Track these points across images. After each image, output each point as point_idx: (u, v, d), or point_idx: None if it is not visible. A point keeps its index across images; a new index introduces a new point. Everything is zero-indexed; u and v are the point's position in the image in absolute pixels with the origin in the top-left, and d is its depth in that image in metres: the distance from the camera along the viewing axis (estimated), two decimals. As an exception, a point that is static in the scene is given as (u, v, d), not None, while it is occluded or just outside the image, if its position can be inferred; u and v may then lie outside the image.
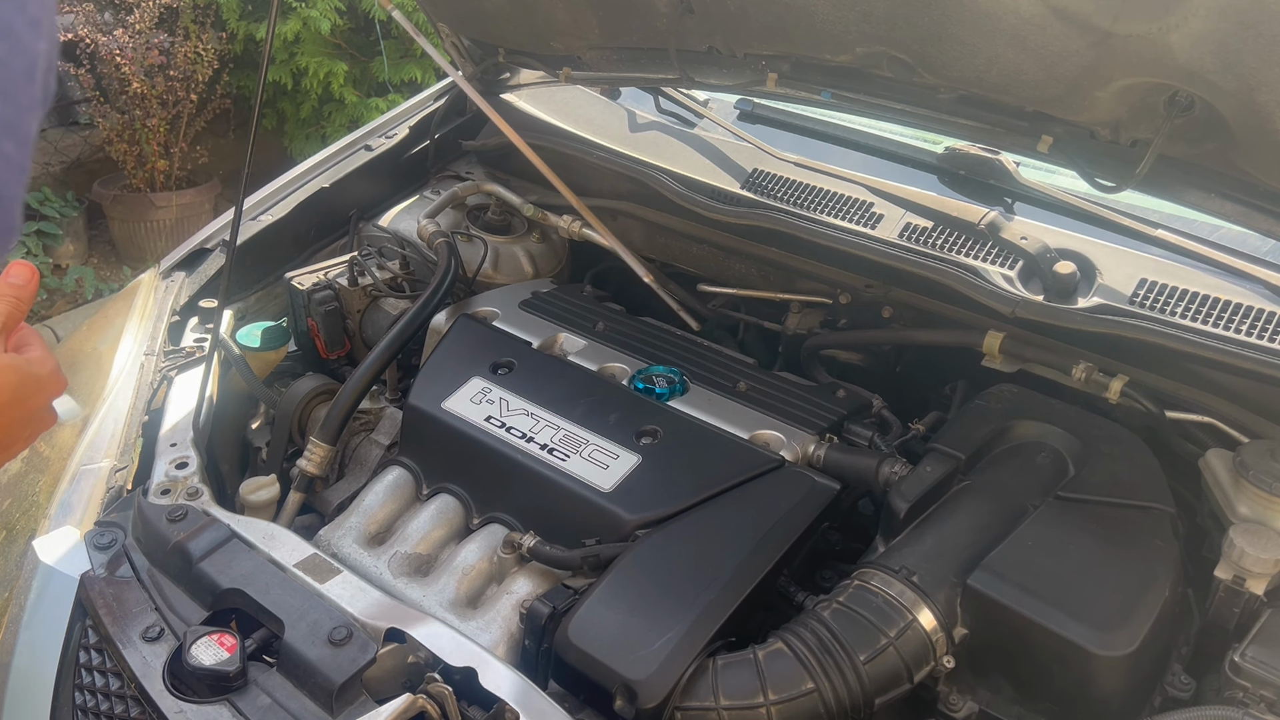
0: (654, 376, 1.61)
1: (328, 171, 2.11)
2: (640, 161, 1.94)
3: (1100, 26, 1.19)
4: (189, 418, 1.55)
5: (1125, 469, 1.35)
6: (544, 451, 1.45)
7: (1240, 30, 1.09)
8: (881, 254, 1.67)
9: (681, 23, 1.65)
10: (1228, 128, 1.24)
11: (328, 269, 1.90)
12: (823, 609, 1.20)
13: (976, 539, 1.26)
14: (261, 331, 1.81)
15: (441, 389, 1.58)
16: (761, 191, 1.86)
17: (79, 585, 1.28)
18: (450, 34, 2.11)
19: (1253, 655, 1.12)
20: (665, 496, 1.38)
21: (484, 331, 1.72)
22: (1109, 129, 1.38)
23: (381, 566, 1.38)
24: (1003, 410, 1.47)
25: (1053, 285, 1.55)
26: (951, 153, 1.87)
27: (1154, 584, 1.19)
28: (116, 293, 1.95)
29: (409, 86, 4.98)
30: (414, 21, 4.81)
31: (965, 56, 1.37)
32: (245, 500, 1.52)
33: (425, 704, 1.07)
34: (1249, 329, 1.43)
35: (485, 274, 1.96)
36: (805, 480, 1.40)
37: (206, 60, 4.87)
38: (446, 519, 1.46)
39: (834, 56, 1.53)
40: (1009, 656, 1.19)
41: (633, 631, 1.18)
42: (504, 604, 1.32)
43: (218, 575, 1.24)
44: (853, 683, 1.13)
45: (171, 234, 4.90)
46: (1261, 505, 1.25)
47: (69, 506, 1.44)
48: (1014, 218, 1.69)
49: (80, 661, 1.23)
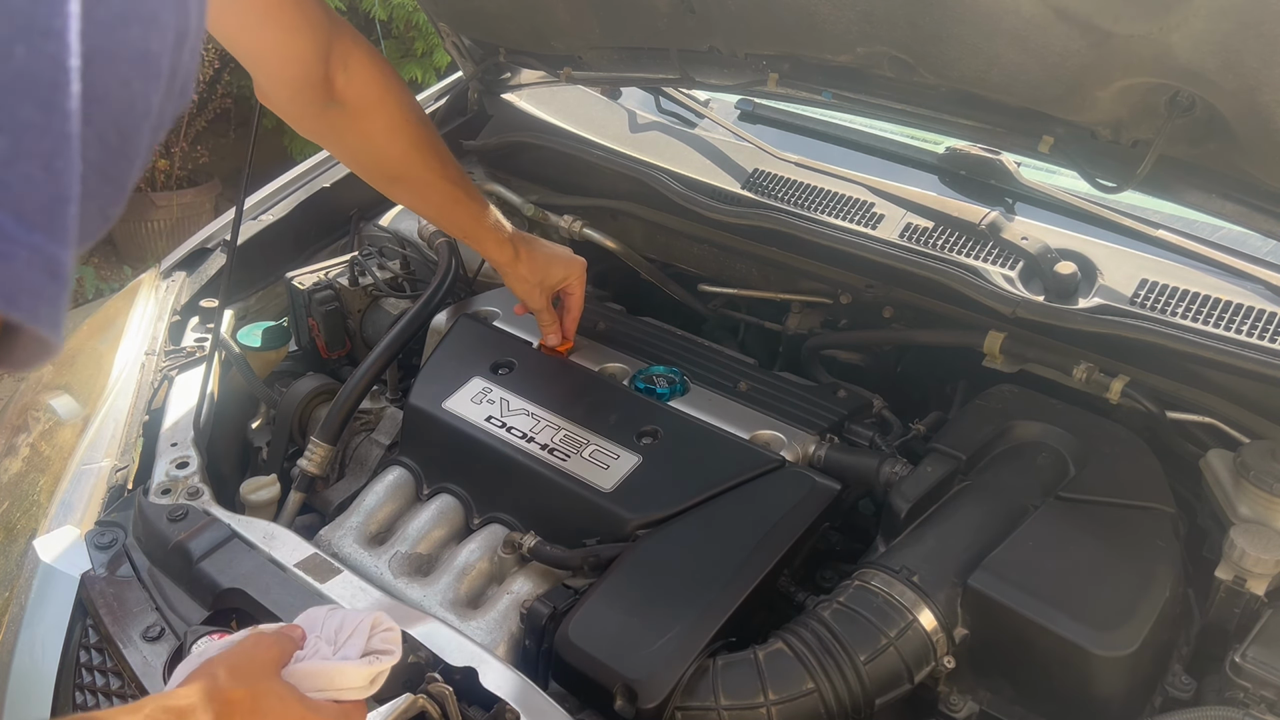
0: (654, 376, 1.61)
1: (328, 171, 2.11)
2: (641, 161, 1.94)
3: (1101, 26, 1.19)
4: (189, 417, 1.55)
5: (1126, 469, 1.35)
6: (544, 451, 1.45)
7: (1241, 30, 1.09)
8: (882, 254, 1.67)
9: (682, 23, 1.65)
10: (1229, 128, 1.24)
11: (328, 269, 1.90)
12: (823, 609, 1.21)
13: (977, 539, 1.26)
14: (262, 331, 1.81)
15: (442, 389, 1.58)
16: (762, 191, 1.86)
17: (79, 585, 1.28)
18: (450, 34, 2.11)
19: (1253, 656, 1.12)
20: (666, 496, 1.38)
21: (484, 331, 1.72)
22: (1110, 129, 1.38)
23: (382, 566, 1.38)
24: (1003, 410, 1.47)
25: (1053, 285, 1.55)
26: (952, 153, 1.87)
27: (1154, 584, 1.19)
28: (117, 292, 1.95)
29: (409, 86, 4.98)
30: (414, 20, 4.83)
31: (966, 57, 1.37)
32: (245, 500, 1.52)
33: (425, 704, 1.07)
34: (1250, 329, 1.43)
35: (486, 274, 1.96)
36: (806, 480, 1.40)
37: (207, 60, 4.87)
38: (447, 519, 1.46)
39: (835, 56, 1.53)
40: (1009, 657, 1.19)
41: (633, 631, 1.18)
42: (504, 604, 1.32)
43: (218, 575, 1.24)
44: (853, 683, 1.13)
45: (172, 234, 4.90)
46: (1262, 506, 1.25)
47: (69, 506, 1.44)
48: (1015, 218, 1.69)
49: (81, 661, 1.23)
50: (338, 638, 0.93)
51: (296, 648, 0.92)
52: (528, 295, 1.62)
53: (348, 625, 0.94)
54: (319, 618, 0.95)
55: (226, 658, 0.86)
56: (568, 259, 1.64)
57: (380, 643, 0.94)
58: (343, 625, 0.94)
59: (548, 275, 1.60)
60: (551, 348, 1.67)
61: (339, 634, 0.93)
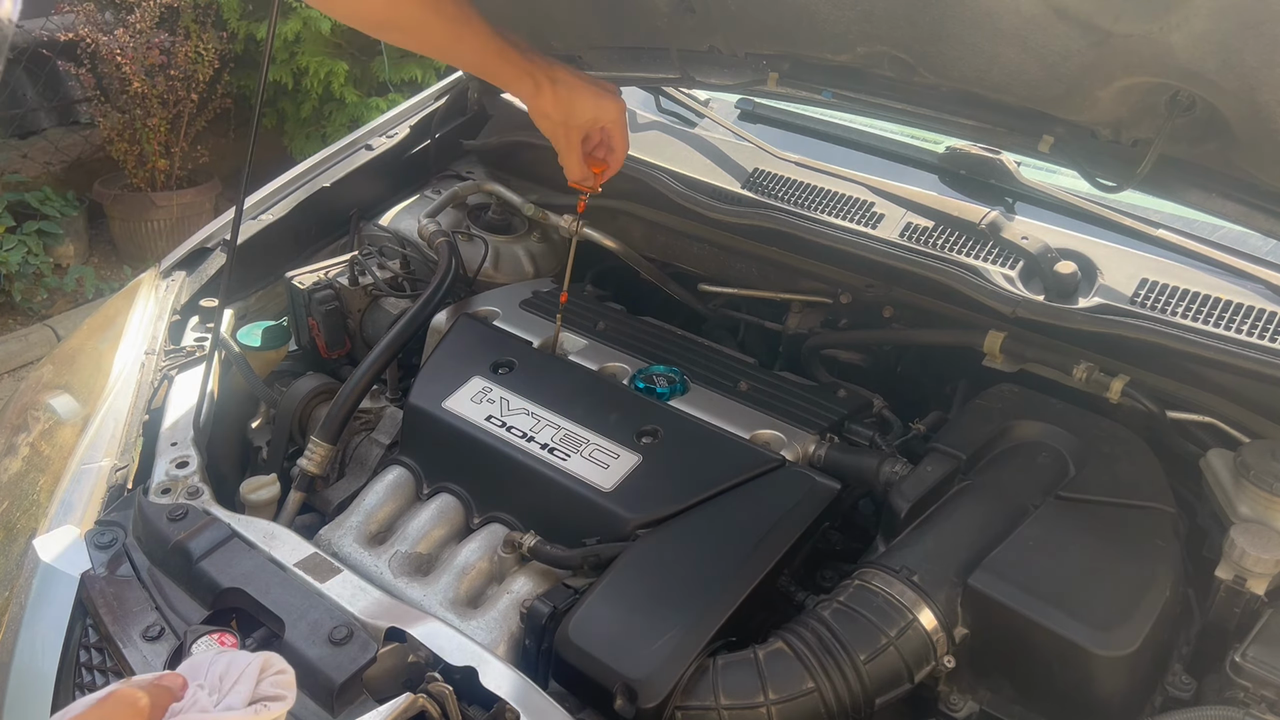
0: (654, 376, 1.61)
1: (328, 171, 2.11)
2: (641, 161, 1.94)
3: (1101, 26, 1.19)
4: (189, 417, 1.55)
5: (1126, 469, 1.35)
6: (544, 451, 1.45)
7: (1241, 30, 1.09)
8: (882, 254, 1.67)
9: (682, 22, 1.65)
10: (1229, 128, 1.24)
11: (328, 268, 1.90)
12: (823, 608, 1.21)
13: (977, 539, 1.26)
14: (262, 331, 1.81)
15: (442, 388, 1.58)
16: (762, 191, 1.86)
17: (79, 584, 1.28)
18: (451, 33, 2.10)
19: (1254, 655, 1.12)
20: (666, 496, 1.38)
21: (484, 331, 1.72)
22: (1110, 129, 1.38)
23: (382, 566, 1.39)
24: (1003, 410, 1.47)
25: (1053, 285, 1.55)
26: (952, 152, 1.87)
27: (1154, 584, 1.19)
28: (117, 292, 1.95)
29: (409, 86, 4.98)
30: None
31: (966, 56, 1.37)
32: (245, 499, 1.52)
33: (426, 703, 1.07)
34: (1250, 329, 1.43)
35: (486, 273, 1.96)
36: (806, 480, 1.40)
37: (207, 60, 4.87)
38: (447, 518, 1.47)
39: (835, 56, 1.53)
40: (1009, 656, 1.19)
41: (633, 631, 1.18)
42: (504, 603, 1.32)
43: (218, 574, 1.24)
44: (853, 682, 1.13)
45: (172, 233, 4.90)
46: (1262, 505, 1.25)
47: (69, 506, 1.44)
48: (1015, 217, 1.69)
49: (81, 661, 1.23)
50: (222, 685, 0.87)
51: (173, 699, 0.84)
52: (553, 134, 1.45)
53: (234, 670, 0.88)
54: (203, 664, 0.89)
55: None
56: (597, 95, 1.43)
57: (270, 687, 0.88)
58: (228, 670, 0.88)
59: (573, 112, 1.42)
60: (577, 182, 1.52)
61: (224, 680, 0.87)
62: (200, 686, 0.86)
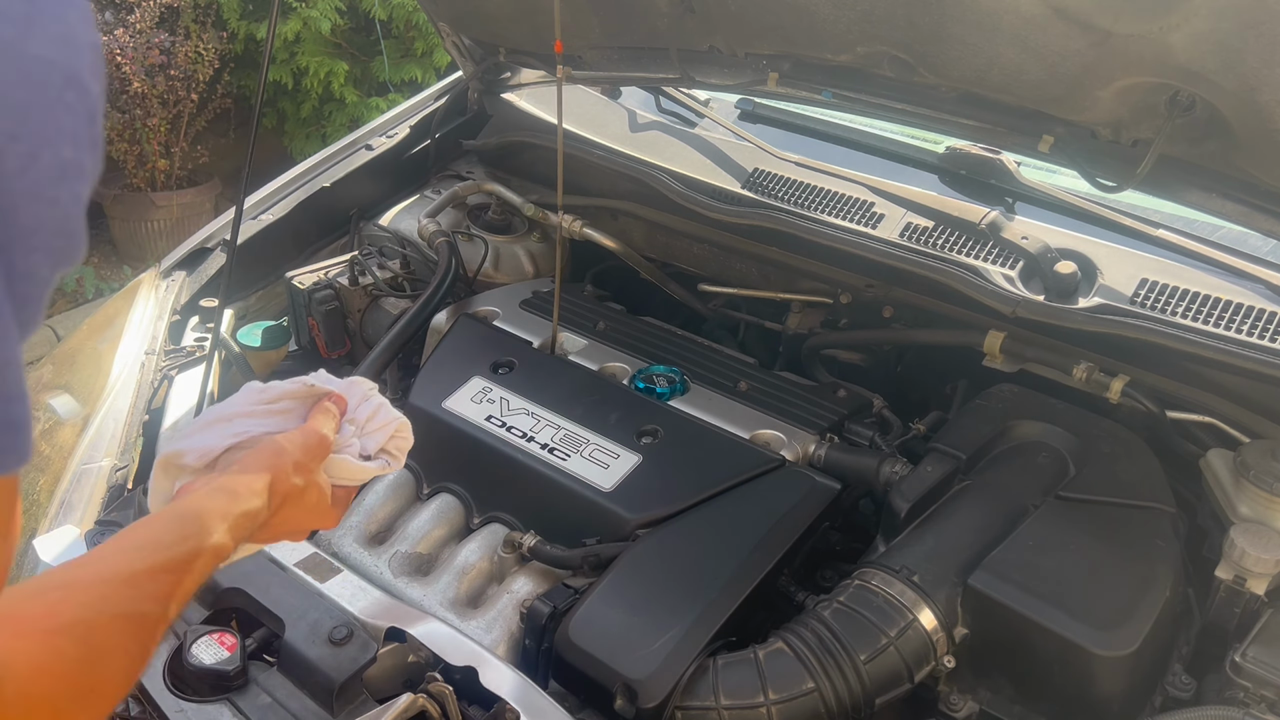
0: (654, 376, 1.61)
1: (328, 171, 2.11)
2: (641, 161, 1.94)
3: (1101, 26, 1.19)
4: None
5: (1126, 469, 1.35)
6: (544, 451, 1.45)
7: (1241, 30, 1.09)
8: (882, 254, 1.67)
9: (682, 22, 1.65)
10: (1229, 128, 1.24)
11: (328, 268, 1.90)
12: (823, 608, 1.20)
13: (977, 539, 1.26)
14: (262, 331, 1.81)
15: (442, 388, 1.58)
16: (762, 191, 1.86)
17: (79, 584, 1.28)
18: (450, 34, 2.11)
19: (1254, 655, 1.12)
20: (666, 496, 1.38)
21: (485, 331, 1.72)
22: (1110, 129, 1.38)
23: (382, 566, 1.38)
24: (1003, 410, 1.47)
25: (1053, 285, 1.55)
26: (952, 152, 1.87)
27: (1154, 584, 1.19)
28: (117, 292, 1.95)
29: (409, 86, 4.98)
30: (414, 20, 4.83)
31: (966, 56, 1.37)
32: (246, 499, 1.52)
33: (426, 703, 1.07)
34: (1249, 329, 1.43)
35: (486, 273, 1.96)
36: (806, 480, 1.40)
37: (207, 60, 4.87)
38: (447, 518, 1.46)
39: (835, 56, 1.53)
40: (1009, 656, 1.19)
41: (633, 631, 1.18)
42: (504, 603, 1.32)
43: (218, 574, 1.24)
44: (853, 682, 1.13)
45: (172, 233, 4.90)
46: (1262, 505, 1.25)
47: (69, 505, 1.44)
48: (1015, 217, 1.69)
49: (80, 660, 1.23)
50: (366, 426, 0.96)
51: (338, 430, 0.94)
52: None
53: (378, 420, 0.96)
54: (358, 395, 0.97)
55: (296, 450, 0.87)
56: None
57: (394, 447, 0.97)
58: (375, 416, 0.96)
59: None
60: None
61: (368, 424, 0.96)
62: (350, 421, 0.95)
